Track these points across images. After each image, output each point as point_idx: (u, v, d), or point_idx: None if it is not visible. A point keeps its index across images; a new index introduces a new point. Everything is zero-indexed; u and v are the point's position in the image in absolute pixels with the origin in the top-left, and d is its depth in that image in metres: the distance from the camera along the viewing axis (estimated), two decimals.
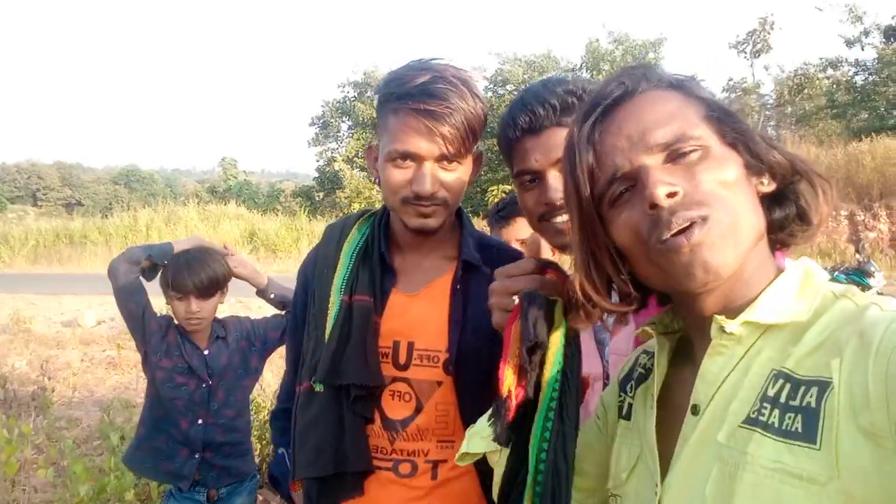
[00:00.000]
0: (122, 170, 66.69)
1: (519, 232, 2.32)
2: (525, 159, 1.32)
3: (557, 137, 1.26)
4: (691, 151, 0.78)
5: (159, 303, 2.49)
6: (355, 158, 24.52)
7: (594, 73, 22.75)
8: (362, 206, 22.46)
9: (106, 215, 25.86)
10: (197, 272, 2.33)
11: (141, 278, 2.38)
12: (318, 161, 28.36)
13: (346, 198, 22.80)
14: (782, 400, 0.72)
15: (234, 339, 2.51)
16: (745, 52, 17.34)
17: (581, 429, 1.11)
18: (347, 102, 25.66)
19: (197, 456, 2.37)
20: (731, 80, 17.38)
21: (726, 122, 0.81)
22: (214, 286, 2.38)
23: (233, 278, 2.50)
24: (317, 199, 26.38)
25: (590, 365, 1.34)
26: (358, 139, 24.62)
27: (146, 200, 32.51)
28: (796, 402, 0.70)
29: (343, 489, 1.33)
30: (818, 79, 17.94)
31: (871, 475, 0.63)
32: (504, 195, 3.70)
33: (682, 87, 0.85)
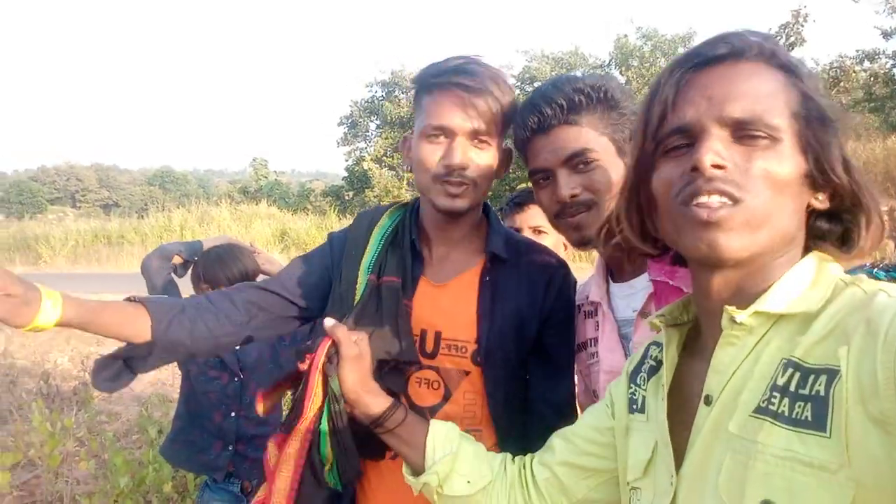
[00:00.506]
0: (157, 171, 67.99)
1: (532, 219, 2.33)
2: (536, 159, 1.36)
3: (565, 135, 1.31)
4: (760, 138, 0.77)
5: None
6: (384, 157, 24.62)
7: (622, 69, 22.49)
8: None
9: (142, 216, 26.35)
10: (229, 265, 2.41)
11: (173, 275, 2.47)
12: (347, 160, 28.52)
13: (375, 197, 22.91)
14: (792, 389, 0.72)
15: None
16: None
17: (588, 410, 1.15)
18: (375, 102, 25.73)
19: (230, 448, 2.45)
20: None
21: (813, 127, 0.80)
22: (245, 279, 2.44)
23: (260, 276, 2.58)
24: (346, 198, 26.54)
25: (614, 360, 1.36)
26: (386, 138, 24.71)
27: (180, 201, 33.06)
28: (805, 391, 0.71)
29: (365, 454, 1.34)
30: (854, 72, 17.46)
31: (881, 462, 0.63)
32: None
33: (791, 71, 0.82)
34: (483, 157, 1.36)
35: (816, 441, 0.68)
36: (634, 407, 1.01)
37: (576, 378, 1.55)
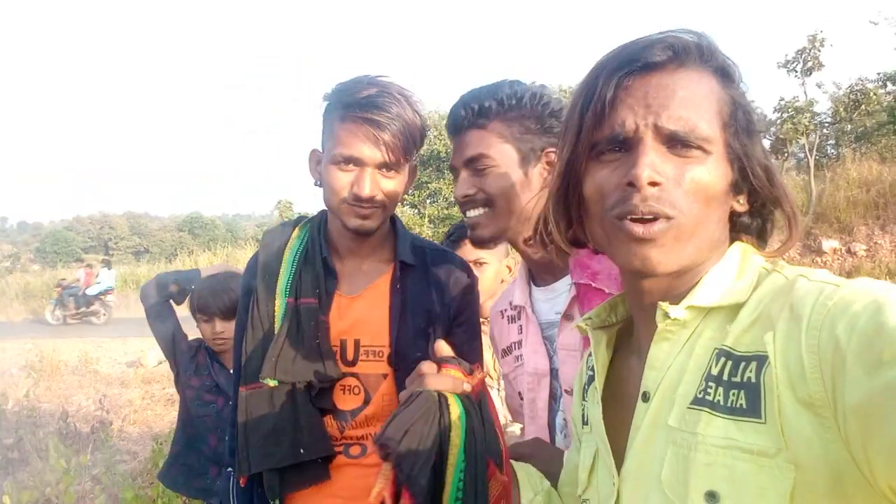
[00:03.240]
0: (187, 217, 69.44)
1: (470, 253, 2.40)
2: (452, 156, 1.45)
3: (470, 139, 1.38)
4: (694, 148, 0.78)
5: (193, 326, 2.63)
6: (406, 196, 24.80)
7: None
8: None
9: (171, 261, 26.88)
10: (220, 296, 2.47)
11: (171, 302, 2.52)
12: None
13: None
14: (725, 377, 0.73)
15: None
16: (796, 71, 16.86)
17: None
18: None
19: (230, 471, 2.45)
20: (782, 99, 16.87)
21: (739, 136, 0.81)
22: (237, 307, 2.48)
23: None
24: None
25: (538, 362, 1.41)
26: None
27: (208, 245, 33.63)
28: (738, 378, 0.71)
29: (305, 477, 1.44)
30: (876, 94, 17.28)
31: (814, 443, 0.65)
32: None
33: (726, 76, 0.83)
34: (390, 184, 1.43)
35: (753, 427, 0.68)
36: (584, 421, 1.01)
37: (502, 383, 1.59)
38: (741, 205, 0.84)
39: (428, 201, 24.47)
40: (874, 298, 0.65)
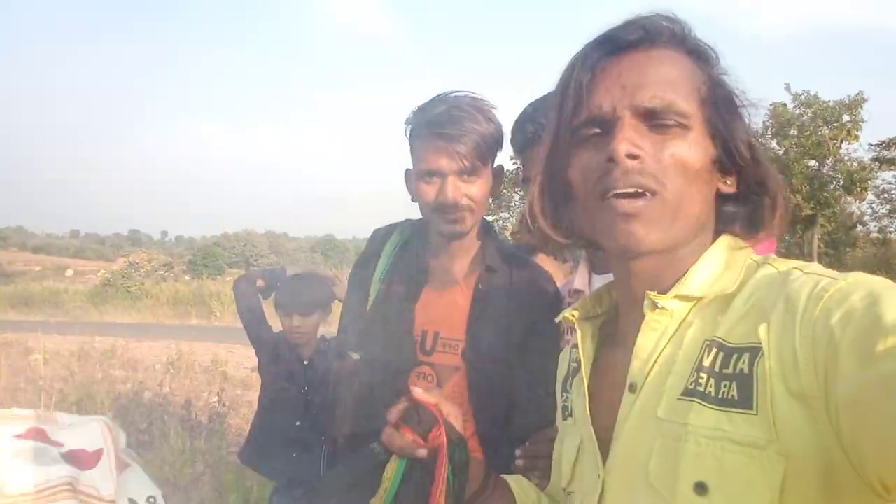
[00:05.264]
0: (321, 239, 73.47)
1: None
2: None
3: None
4: (672, 126, 0.78)
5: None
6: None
7: (781, 138, 21.38)
8: None
9: None
10: (299, 294, 2.74)
11: (260, 297, 2.84)
12: None
13: None
14: (717, 369, 0.72)
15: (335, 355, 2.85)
16: None
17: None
18: (519, 174, 26.22)
19: (296, 455, 2.69)
20: None
21: (720, 112, 0.81)
22: (314, 306, 2.76)
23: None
24: None
25: None
26: None
27: (338, 266, 35.33)
28: (730, 370, 0.70)
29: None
30: None
31: (806, 435, 0.64)
32: None
33: (701, 57, 0.83)
34: (473, 189, 1.55)
35: (744, 419, 0.68)
36: (566, 413, 1.00)
37: None
38: (728, 186, 0.83)
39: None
40: (870, 291, 0.64)
